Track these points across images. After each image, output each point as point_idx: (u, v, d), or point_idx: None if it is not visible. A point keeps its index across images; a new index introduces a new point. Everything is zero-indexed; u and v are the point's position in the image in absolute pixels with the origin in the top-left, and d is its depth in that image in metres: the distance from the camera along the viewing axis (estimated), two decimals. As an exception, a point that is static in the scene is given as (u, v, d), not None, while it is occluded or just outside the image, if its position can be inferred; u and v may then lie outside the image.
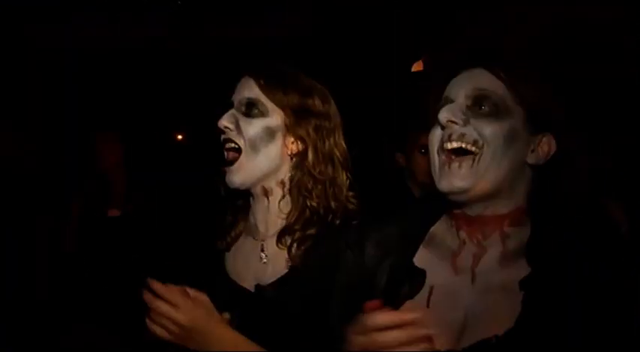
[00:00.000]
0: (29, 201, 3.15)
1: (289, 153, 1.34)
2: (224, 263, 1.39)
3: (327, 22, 5.23)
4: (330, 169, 1.34)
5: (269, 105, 1.33)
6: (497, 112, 1.03)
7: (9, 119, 3.32)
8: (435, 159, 1.08)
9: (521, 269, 1.01)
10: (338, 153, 1.36)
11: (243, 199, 1.41)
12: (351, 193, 1.36)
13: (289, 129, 1.32)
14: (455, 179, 1.03)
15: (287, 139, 1.33)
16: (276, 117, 1.33)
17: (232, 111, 1.35)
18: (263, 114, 1.32)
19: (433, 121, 1.09)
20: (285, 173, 1.35)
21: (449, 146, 1.04)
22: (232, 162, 1.33)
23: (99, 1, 4.93)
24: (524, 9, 3.67)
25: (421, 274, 1.08)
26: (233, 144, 1.33)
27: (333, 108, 1.39)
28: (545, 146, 1.06)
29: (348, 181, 1.37)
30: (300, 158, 1.34)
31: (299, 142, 1.33)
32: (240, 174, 1.32)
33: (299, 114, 1.33)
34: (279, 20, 5.26)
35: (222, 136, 1.35)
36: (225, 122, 1.33)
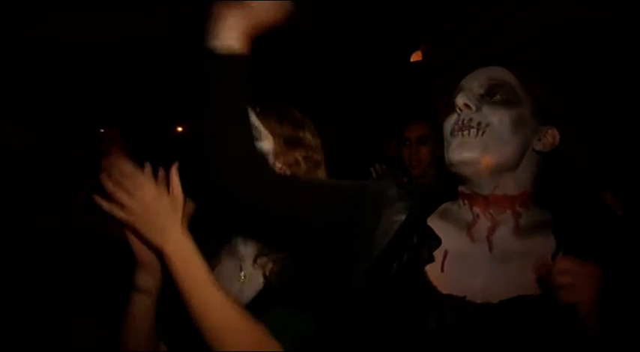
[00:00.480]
0: (33, 196, 3.18)
1: None
2: None
3: (324, 13, 5.23)
4: None
5: (263, 131, 1.36)
6: (507, 101, 1.11)
7: (14, 116, 3.35)
8: (448, 141, 1.14)
9: (540, 244, 1.07)
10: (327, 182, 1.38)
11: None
12: None
13: (279, 155, 1.36)
14: (463, 149, 1.09)
15: (276, 165, 1.36)
16: (267, 143, 1.36)
17: None
18: (256, 138, 1.32)
19: (448, 110, 1.16)
20: None
21: (457, 129, 1.11)
22: None
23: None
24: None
25: (437, 239, 1.13)
26: None
27: (319, 144, 1.43)
28: (550, 137, 1.13)
29: None
30: None
31: (287, 169, 1.36)
32: None
33: (290, 143, 1.37)
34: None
35: None
36: None
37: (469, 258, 1.09)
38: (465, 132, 1.10)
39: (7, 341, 2.89)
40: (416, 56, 5.24)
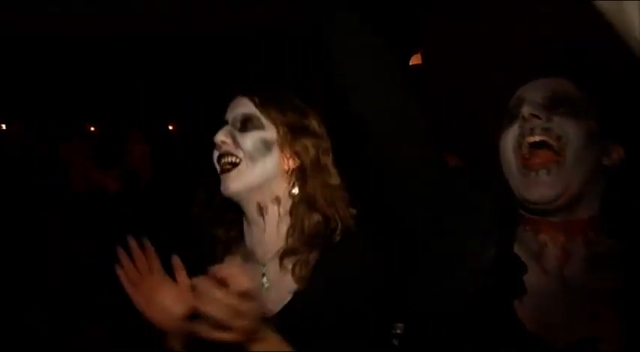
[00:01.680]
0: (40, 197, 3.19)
1: (286, 168, 1.32)
2: None
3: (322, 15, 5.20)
4: (325, 187, 1.31)
5: (264, 120, 1.32)
6: (575, 112, 1.03)
7: (23, 116, 3.39)
8: (512, 161, 1.05)
9: (608, 278, 0.99)
10: (334, 171, 1.33)
11: (233, 228, 1.38)
12: (352, 210, 1.32)
13: (285, 144, 1.31)
14: (543, 189, 1.00)
15: (283, 154, 1.31)
16: (271, 132, 1.31)
17: (227, 127, 1.33)
18: (258, 127, 1.31)
19: (506, 122, 1.07)
20: (280, 189, 1.32)
21: (530, 139, 1.02)
22: (230, 169, 1.30)
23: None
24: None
25: (523, 268, 1.04)
26: (231, 158, 1.30)
27: (325, 131, 1.38)
28: (616, 153, 1.06)
29: (346, 198, 1.33)
30: (296, 174, 1.32)
31: (295, 158, 1.31)
32: (238, 181, 1.29)
33: (295, 131, 1.32)
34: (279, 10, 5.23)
35: (218, 151, 1.33)
36: (221, 137, 1.31)
37: (545, 293, 1.01)
38: (543, 173, 1.00)
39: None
40: (415, 59, 5.18)
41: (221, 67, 6.03)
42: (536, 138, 1.02)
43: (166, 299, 1.25)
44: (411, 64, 5.21)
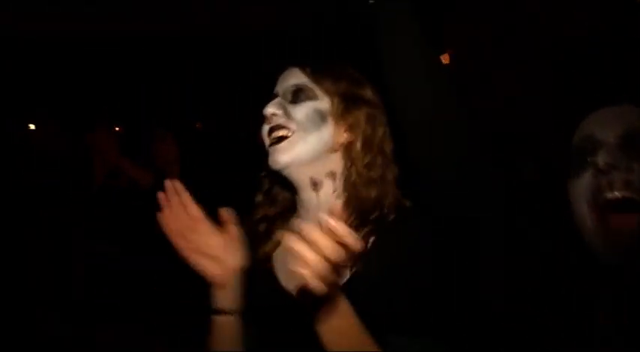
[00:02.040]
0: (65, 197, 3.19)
1: (341, 141, 1.24)
2: (272, 270, 1.26)
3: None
4: (380, 161, 1.24)
5: (317, 91, 1.25)
6: None
7: (57, 117, 3.41)
8: (586, 215, 0.91)
9: None
10: (388, 145, 1.27)
11: (274, 199, 1.31)
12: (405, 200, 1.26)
13: (339, 116, 1.23)
14: (628, 254, 0.86)
15: (338, 127, 1.23)
16: (325, 102, 1.24)
17: (278, 99, 1.26)
18: (311, 98, 1.24)
19: (575, 165, 0.94)
20: (335, 163, 1.24)
21: (610, 196, 0.89)
22: (280, 140, 1.22)
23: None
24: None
25: None
26: (282, 132, 1.23)
27: (381, 102, 1.30)
28: None
29: (397, 173, 1.26)
30: (350, 148, 1.23)
31: (349, 131, 1.24)
32: (289, 153, 1.21)
33: (349, 101, 1.24)
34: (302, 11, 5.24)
35: (268, 125, 1.26)
36: (272, 109, 1.23)
37: None
38: (627, 233, 0.85)
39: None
40: (444, 59, 5.15)
41: (251, 67, 6.07)
42: (617, 194, 0.88)
43: (217, 249, 1.16)
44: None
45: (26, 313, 2.99)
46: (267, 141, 1.26)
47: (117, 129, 5.70)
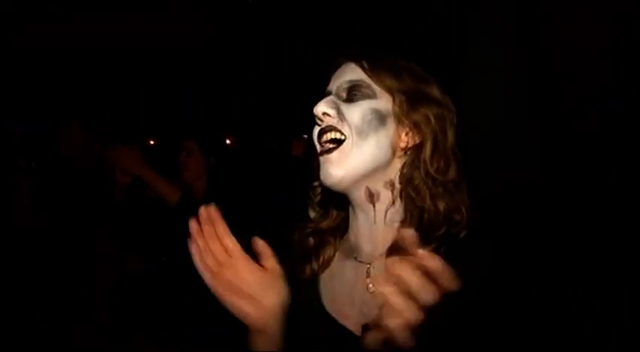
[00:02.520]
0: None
1: (402, 146, 1.08)
2: (317, 294, 1.12)
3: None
4: (453, 168, 1.06)
5: (376, 88, 1.08)
6: None
7: (79, 121, 3.40)
8: None
9: None
10: (458, 152, 1.09)
11: (327, 212, 1.17)
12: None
13: (403, 115, 1.07)
14: None
15: (399, 129, 1.07)
16: (385, 101, 1.08)
17: (330, 97, 1.10)
18: (369, 96, 1.08)
19: None
20: (395, 171, 1.08)
21: None
22: (332, 149, 1.06)
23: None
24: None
25: None
26: (335, 134, 1.08)
27: (449, 101, 1.12)
28: None
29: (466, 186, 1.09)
30: (415, 153, 1.08)
31: (415, 133, 1.07)
32: (343, 166, 1.06)
33: (415, 99, 1.07)
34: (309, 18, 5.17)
35: (319, 127, 1.10)
36: (323, 107, 1.08)
37: None
38: None
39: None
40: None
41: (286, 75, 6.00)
42: None
43: (255, 288, 1.00)
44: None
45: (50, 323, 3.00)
46: (317, 146, 1.11)
47: (151, 142, 5.70)
